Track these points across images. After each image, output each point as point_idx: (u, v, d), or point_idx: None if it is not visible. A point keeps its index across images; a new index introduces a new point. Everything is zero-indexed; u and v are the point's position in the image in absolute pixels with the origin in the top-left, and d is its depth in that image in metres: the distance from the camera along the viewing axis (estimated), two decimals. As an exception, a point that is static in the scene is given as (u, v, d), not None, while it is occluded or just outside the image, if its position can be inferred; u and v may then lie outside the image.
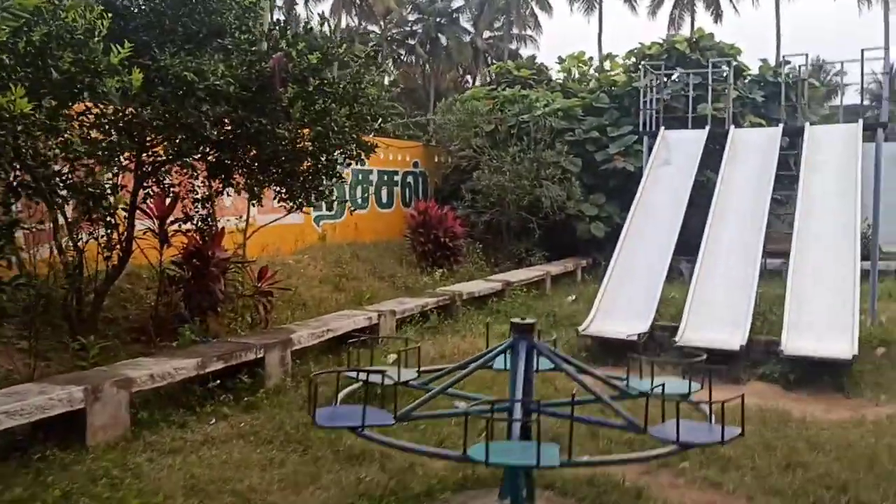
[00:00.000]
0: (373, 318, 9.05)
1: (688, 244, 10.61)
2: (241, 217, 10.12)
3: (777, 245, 11.88)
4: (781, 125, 12.04)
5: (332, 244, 14.36)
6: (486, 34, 52.84)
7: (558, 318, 11.03)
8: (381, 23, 50.45)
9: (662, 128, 12.32)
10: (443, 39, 49.40)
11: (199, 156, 7.76)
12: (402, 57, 52.56)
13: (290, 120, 7.19)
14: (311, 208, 14.55)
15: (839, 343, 8.11)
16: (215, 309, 8.54)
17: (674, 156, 11.84)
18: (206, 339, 7.74)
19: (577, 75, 20.12)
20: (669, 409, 4.79)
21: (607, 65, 19.56)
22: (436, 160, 18.14)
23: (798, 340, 8.24)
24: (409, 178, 17.78)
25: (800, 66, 15.08)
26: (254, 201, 8.68)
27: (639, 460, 4.53)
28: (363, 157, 8.44)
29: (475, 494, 4.87)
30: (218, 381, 6.90)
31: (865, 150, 10.94)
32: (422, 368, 5.05)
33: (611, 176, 16.39)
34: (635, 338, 8.54)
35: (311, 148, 7.76)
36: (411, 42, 50.73)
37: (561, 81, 20.11)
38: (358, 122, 8.01)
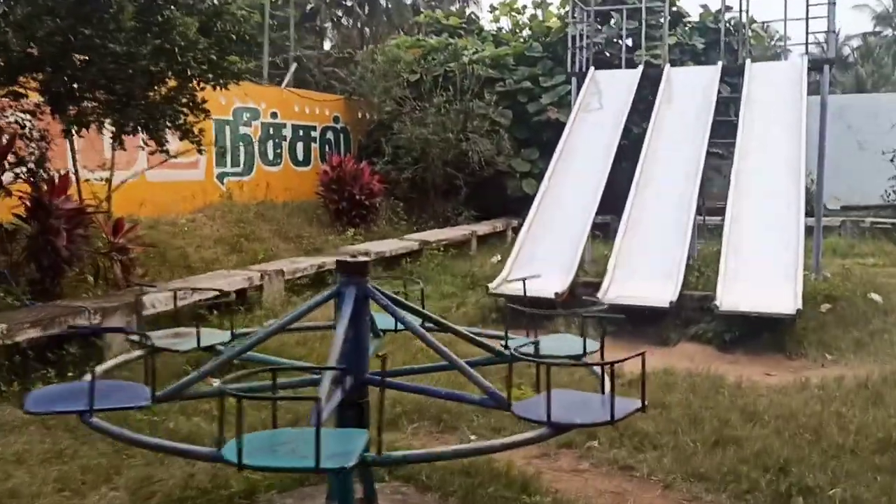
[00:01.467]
0: (254, 279, 7.78)
1: (623, 200, 9.56)
2: (103, 166, 8.67)
3: (717, 202, 10.91)
4: (721, 63, 10.98)
5: (239, 203, 13.00)
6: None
7: (477, 278, 9.87)
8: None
9: (592, 68, 11.18)
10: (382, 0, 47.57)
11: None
12: (340, 19, 50.62)
13: (121, 31, 5.83)
14: (215, 165, 13.55)
15: (781, 297, 7.12)
16: (59, 268, 7.18)
17: (604, 100, 10.73)
18: (32, 302, 6.39)
19: (509, 25, 18.88)
20: (564, 376, 3.68)
21: (541, 13, 18.35)
22: (359, 115, 16.75)
23: (735, 295, 7.24)
24: (329, 134, 16.41)
25: (741, 12, 14.08)
26: (117, 143, 7.24)
27: (486, 451, 3.26)
28: (225, 86, 7.09)
29: (310, 493, 3.70)
30: (36, 354, 5.60)
31: (809, 105, 9.97)
32: (238, 331, 3.82)
33: (544, 129, 15.21)
34: (552, 296, 7.43)
35: (153, 69, 6.39)
36: (349, 3, 48.80)
37: (494, 32, 18.83)
38: (219, 42, 6.66)
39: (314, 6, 50.04)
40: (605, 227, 11.41)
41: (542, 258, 8.24)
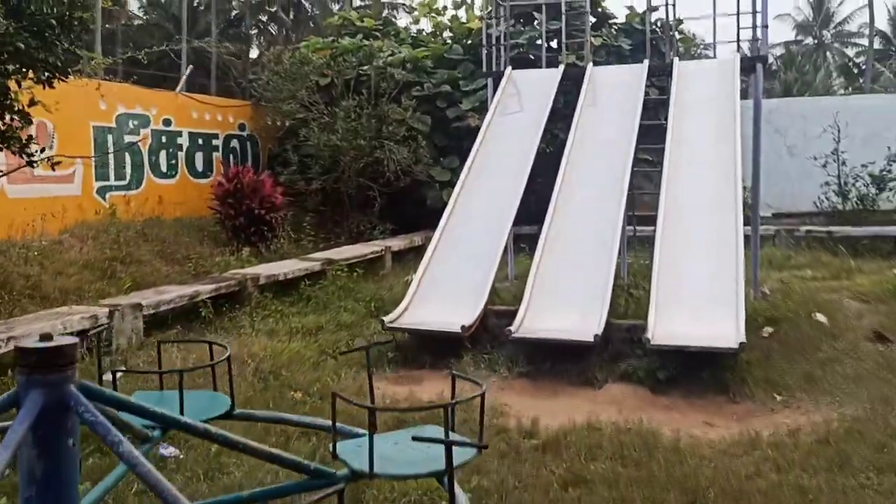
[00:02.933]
0: (99, 316, 6.42)
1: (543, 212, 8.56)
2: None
3: (649, 211, 9.96)
4: (647, 61, 10.05)
5: (123, 221, 11.53)
6: (357, 2, 49.87)
7: (385, 304, 8.67)
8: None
9: (510, 67, 10.14)
10: (307, 6, 46.10)
11: None
12: (265, 26, 48.88)
13: None
14: (95, 178, 12.04)
15: (722, 327, 6.14)
16: None
17: (524, 101, 9.69)
18: None
19: (430, 27, 17.82)
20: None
21: (462, 14, 17.35)
22: (269, 122, 15.38)
23: (669, 325, 6.22)
24: (234, 143, 15.04)
25: (668, 11, 13.29)
26: None
27: None
28: (54, 79, 5.74)
29: None
30: None
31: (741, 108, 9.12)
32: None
33: (465, 136, 14.08)
34: (458, 330, 6.30)
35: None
36: (271, 9, 47.18)
37: (413, 34, 17.73)
38: (34, 27, 5.32)
39: (238, 12, 48.38)
40: (531, 239, 10.32)
41: (449, 283, 7.11)
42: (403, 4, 37.06)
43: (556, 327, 6.26)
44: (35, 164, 6.27)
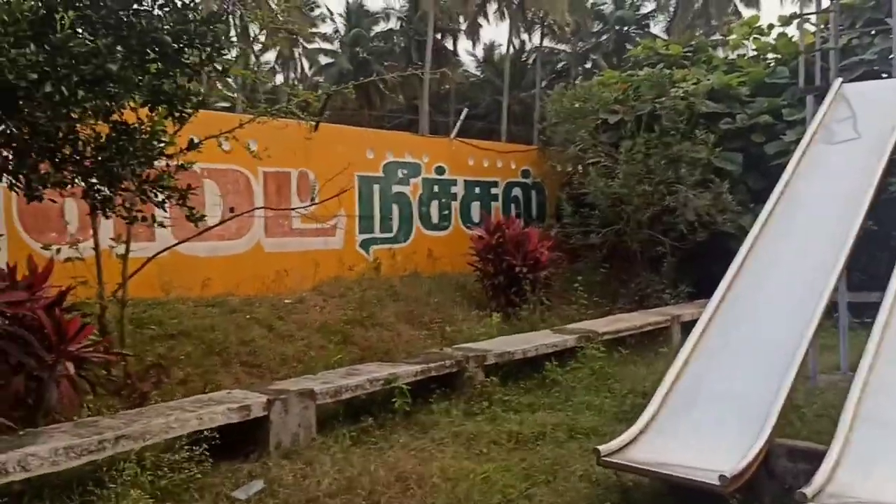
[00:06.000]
0: (253, 407, 5.17)
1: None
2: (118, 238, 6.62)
3: None
4: None
5: (389, 276, 10.70)
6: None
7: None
8: (566, 37, 46.37)
9: (839, 80, 7.33)
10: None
11: None
12: (589, 76, 48.10)
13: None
14: (358, 231, 11.38)
15: None
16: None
17: (861, 125, 6.85)
18: None
19: (751, 50, 14.92)
20: None
21: (794, 30, 14.22)
22: (558, 168, 13.81)
23: None
24: (516, 191, 13.70)
25: None
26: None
27: None
28: (180, 117, 4.62)
29: None
30: None
31: None
32: None
33: (787, 176, 11.20)
34: (715, 482, 3.90)
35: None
36: (595, 56, 46.27)
37: (731, 59, 14.98)
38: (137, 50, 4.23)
39: (566, 62, 48.37)
40: (868, 310, 7.18)
41: (714, 391, 4.70)
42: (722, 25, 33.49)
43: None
44: (197, 221, 5.25)
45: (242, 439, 5.31)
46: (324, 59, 45.01)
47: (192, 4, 4.41)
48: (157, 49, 4.23)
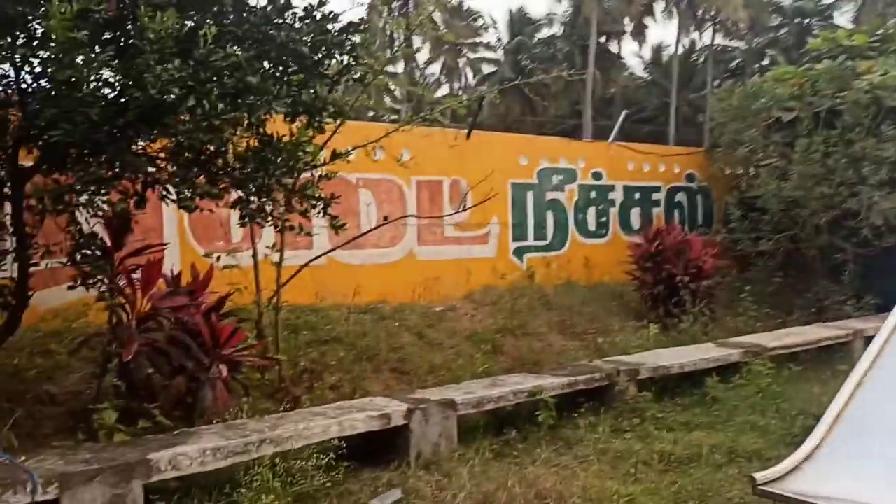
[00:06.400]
0: (393, 415, 5.16)
1: None
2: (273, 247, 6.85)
3: None
4: None
5: (542, 284, 10.52)
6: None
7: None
8: (737, 33, 44.04)
9: None
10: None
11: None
12: (764, 70, 45.33)
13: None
14: (512, 238, 11.24)
15: None
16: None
17: None
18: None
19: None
20: None
21: None
22: (726, 171, 13.01)
23: None
24: (680, 196, 13.04)
25: None
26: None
27: None
28: (317, 126, 4.68)
29: None
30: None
31: None
32: None
33: None
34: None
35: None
36: (772, 52, 43.53)
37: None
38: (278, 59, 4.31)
39: (741, 60, 45.98)
40: None
41: (893, 425, 4.11)
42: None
43: None
44: (338, 226, 5.32)
45: (385, 447, 5.32)
46: (487, 69, 45.45)
47: (331, 15, 4.47)
48: (296, 60, 4.32)
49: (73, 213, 4.88)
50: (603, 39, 42.50)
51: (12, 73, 4.15)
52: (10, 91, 4.37)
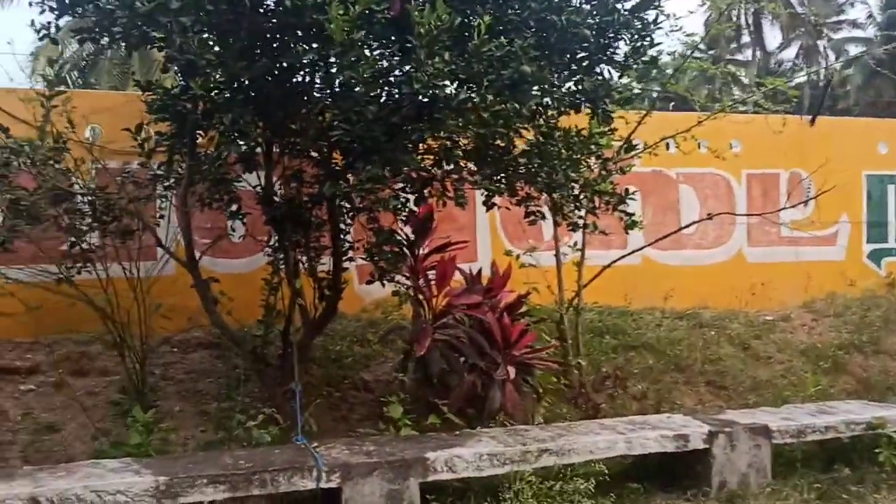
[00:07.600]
0: (692, 437, 4.60)
1: None
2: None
3: None
4: None
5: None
6: None
7: None
8: None
9: None
10: None
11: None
12: None
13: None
14: (866, 239, 9.65)
15: None
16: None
17: None
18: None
19: None
20: None
21: None
22: None
23: None
24: None
25: None
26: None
27: None
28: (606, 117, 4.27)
29: None
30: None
31: None
32: None
33: None
34: None
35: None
36: None
37: None
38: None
39: None
40: None
41: None
42: None
43: None
44: (635, 227, 4.90)
45: (683, 471, 4.77)
46: (853, 49, 40.32)
47: (620, -7, 4.08)
48: (580, 45, 4.00)
49: (372, 211, 5.06)
50: None
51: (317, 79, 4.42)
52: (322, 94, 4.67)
